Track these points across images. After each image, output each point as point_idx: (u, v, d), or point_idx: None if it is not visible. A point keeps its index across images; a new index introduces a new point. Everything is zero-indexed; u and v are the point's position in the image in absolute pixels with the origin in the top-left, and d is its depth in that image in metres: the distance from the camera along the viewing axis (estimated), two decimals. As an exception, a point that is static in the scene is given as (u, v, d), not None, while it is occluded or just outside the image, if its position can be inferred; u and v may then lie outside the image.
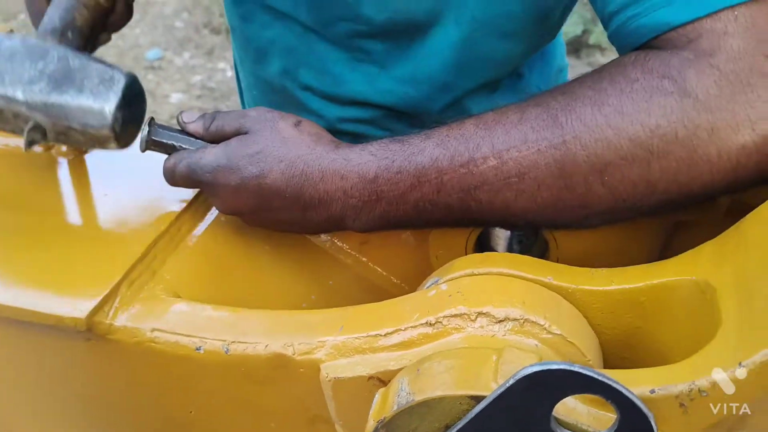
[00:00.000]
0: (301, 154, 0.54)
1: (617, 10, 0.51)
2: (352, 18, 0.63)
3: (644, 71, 0.47)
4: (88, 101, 0.55)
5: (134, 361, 0.52)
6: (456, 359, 0.42)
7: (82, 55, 0.57)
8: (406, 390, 0.41)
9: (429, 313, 0.46)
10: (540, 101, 0.50)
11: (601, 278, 0.49)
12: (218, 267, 0.59)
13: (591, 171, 0.48)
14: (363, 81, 0.69)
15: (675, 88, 0.46)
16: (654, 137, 0.46)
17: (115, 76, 0.56)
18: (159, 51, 2.85)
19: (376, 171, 0.52)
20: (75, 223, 0.59)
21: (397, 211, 0.53)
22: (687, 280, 0.46)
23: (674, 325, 0.47)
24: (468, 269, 0.49)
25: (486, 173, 0.50)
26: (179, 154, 0.58)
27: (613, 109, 0.47)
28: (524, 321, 0.44)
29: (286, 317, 0.50)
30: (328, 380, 0.46)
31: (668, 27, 0.48)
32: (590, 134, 0.47)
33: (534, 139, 0.48)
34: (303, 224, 0.57)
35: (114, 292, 0.52)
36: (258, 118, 0.57)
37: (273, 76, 0.75)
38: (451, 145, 0.51)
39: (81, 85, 0.55)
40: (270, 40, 0.72)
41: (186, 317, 0.51)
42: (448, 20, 0.62)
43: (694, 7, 0.47)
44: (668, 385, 0.38)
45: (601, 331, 0.49)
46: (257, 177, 0.54)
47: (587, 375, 0.36)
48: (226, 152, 0.56)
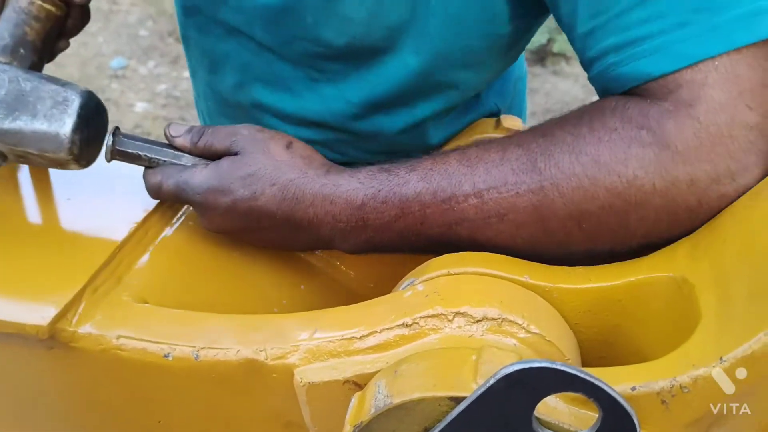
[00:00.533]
0: (293, 178, 0.54)
1: (598, 56, 0.50)
2: (311, 39, 0.62)
3: (623, 120, 0.47)
4: (43, 126, 0.53)
5: (100, 370, 0.50)
6: (435, 360, 0.41)
7: (33, 76, 0.54)
8: (384, 393, 0.40)
9: (405, 314, 0.45)
10: (522, 141, 0.50)
11: (578, 276, 0.48)
12: (187, 272, 0.57)
13: (568, 217, 0.48)
14: (318, 101, 0.67)
15: (653, 139, 0.46)
16: (631, 188, 0.46)
17: (69, 96, 0.54)
18: (123, 60, 2.80)
19: (362, 199, 0.53)
20: (37, 228, 0.57)
21: (382, 237, 0.54)
22: (664, 277, 0.46)
23: (653, 322, 0.46)
24: (444, 269, 0.49)
25: (467, 210, 0.50)
26: (165, 170, 0.57)
27: (590, 158, 0.47)
28: (502, 320, 0.43)
29: (258, 321, 0.49)
30: (302, 385, 0.45)
31: (648, 77, 0.47)
32: (568, 182, 0.47)
33: (513, 182, 0.49)
34: (291, 243, 0.57)
35: (78, 298, 0.50)
36: (249, 138, 0.56)
37: (227, 89, 0.73)
38: (435, 180, 0.51)
39: (34, 109, 0.53)
40: (224, 54, 0.69)
41: (153, 323, 0.49)
42: (407, 48, 0.61)
43: (673, 59, 0.46)
44: (649, 382, 0.38)
45: (579, 330, 0.48)
46: (249, 199, 0.54)
47: (569, 372, 0.35)
48: (218, 174, 0.55)
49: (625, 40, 0.48)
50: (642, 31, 0.47)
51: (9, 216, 0.58)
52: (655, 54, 0.47)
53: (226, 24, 0.66)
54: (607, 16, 0.48)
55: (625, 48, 0.48)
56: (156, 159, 0.58)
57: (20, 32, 0.57)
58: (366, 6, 0.58)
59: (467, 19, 0.57)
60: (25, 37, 0.57)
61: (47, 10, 0.58)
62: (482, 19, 0.58)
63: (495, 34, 0.59)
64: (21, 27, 0.57)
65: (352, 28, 0.59)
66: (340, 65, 0.64)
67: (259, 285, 0.60)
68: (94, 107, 0.56)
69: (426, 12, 0.58)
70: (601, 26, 0.49)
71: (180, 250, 0.58)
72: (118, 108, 2.53)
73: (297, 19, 0.60)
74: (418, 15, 0.58)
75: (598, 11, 0.49)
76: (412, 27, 0.59)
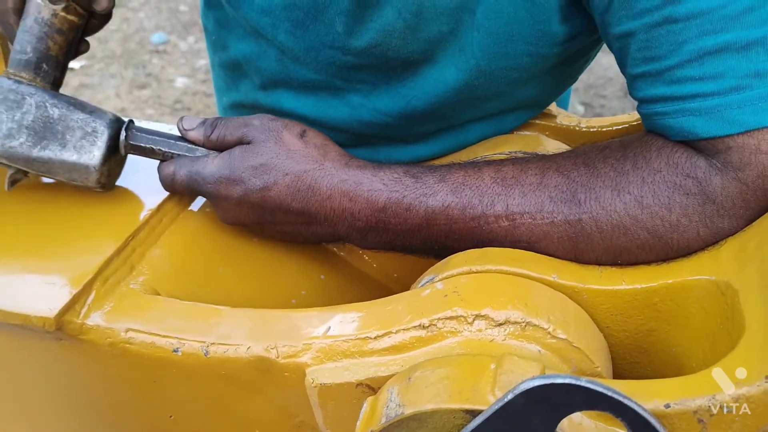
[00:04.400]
0: (308, 169, 0.52)
1: (646, 99, 0.48)
2: (339, 47, 0.58)
3: (669, 164, 0.45)
4: (72, 158, 0.53)
5: (109, 363, 0.48)
6: (450, 368, 0.38)
7: (61, 101, 0.54)
8: (396, 401, 0.38)
9: (423, 314, 0.42)
10: (562, 168, 0.49)
11: (611, 277, 0.45)
12: (202, 261, 0.55)
13: (604, 253, 0.47)
14: (346, 110, 0.63)
15: (698, 190, 0.44)
16: (674, 233, 0.45)
17: (98, 128, 0.54)
18: (164, 35, 2.80)
19: (385, 202, 0.51)
20: (49, 215, 0.55)
21: (403, 242, 0.52)
22: (705, 281, 0.42)
23: (691, 328, 0.43)
24: (466, 266, 0.46)
25: (496, 232, 0.49)
26: (179, 161, 0.56)
27: (633, 198, 0.45)
28: (526, 324, 0.40)
29: (271, 317, 0.47)
30: (313, 386, 0.43)
31: (695, 137, 0.45)
32: (608, 218, 0.46)
33: (549, 210, 0.47)
34: (306, 237, 0.55)
35: (87, 288, 0.48)
36: (261, 127, 0.54)
37: (243, 89, 0.69)
38: (465, 195, 0.49)
39: (63, 139, 0.53)
40: (245, 55, 0.65)
41: (163, 316, 0.47)
42: (446, 62, 0.56)
43: (726, 124, 0.44)
44: (685, 399, 0.35)
45: (610, 334, 0.45)
46: (261, 190, 0.52)
47: (595, 390, 0.32)
48: (230, 163, 0.53)
49: (676, 93, 0.45)
50: (696, 89, 0.44)
51: (20, 203, 0.56)
52: (706, 115, 0.44)
53: (248, 24, 0.62)
54: (661, 66, 0.46)
55: (676, 101, 0.45)
56: (170, 153, 0.56)
57: (43, 46, 0.55)
58: (404, 17, 0.54)
59: (514, 37, 0.53)
60: (48, 52, 0.55)
61: (71, 21, 0.56)
62: (531, 39, 0.54)
63: (543, 54, 0.55)
64: (44, 41, 0.55)
65: (386, 39, 0.56)
66: (368, 75, 0.60)
67: (277, 275, 0.58)
68: (120, 134, 0.55)
69: (471, 27, 0.54)
70: (654, 74, 0.46)
71: (195, 239, 0.56)
72: (159, 83, 2.53)
73: (326, 24, 0.57)
74: (460, 30, 0.54)
75: (653, 57, 0.46)
76: (453, 41, 0.55)
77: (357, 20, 0.55)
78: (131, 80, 2.45)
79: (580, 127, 0.65)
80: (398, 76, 0.59)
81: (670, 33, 0.45)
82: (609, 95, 2.36)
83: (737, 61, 0.43)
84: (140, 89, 2.42)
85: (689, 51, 0.44)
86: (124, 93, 2.39)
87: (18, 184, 0.56)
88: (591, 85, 2.39)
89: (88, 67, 2.52)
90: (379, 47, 0.56)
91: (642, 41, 0.46)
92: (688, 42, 0.44)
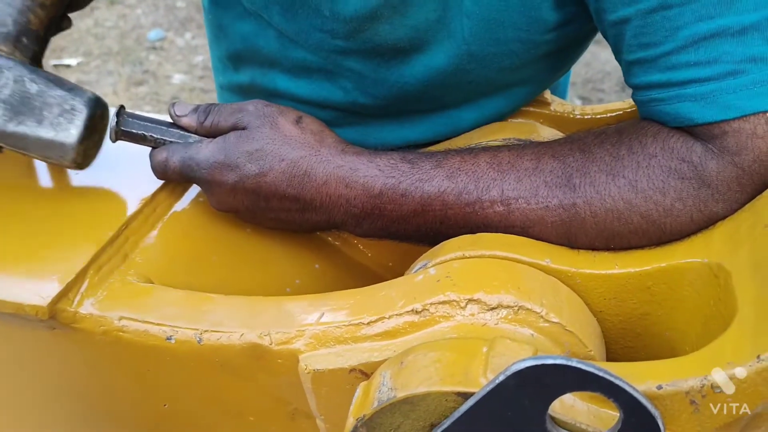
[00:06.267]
0: (303, 155, 0.52)
1: (642, 86, 0.48)
2: (328, 30, 0.57)
3: (664, 149, 0.45)
4: (49, 135, 0.52)
5: (103, 351, 0.48)
6: (443, 351, 0.38)
7: (39, 77, 0.52)
8: (388, 385, 0.38)
9: (415, 299, 0.42)
10: (558, 153, 0.49)
11: (604, 261, 0.45)
12: (196, 250, 0.55)
13: (597, 237, 0.47)
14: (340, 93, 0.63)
15: (693, 174, 0.44)
16: (668, 217, 0.45)
17: (77, 106, 0.52)
18: (161, 31, 2.80)
19: (381, 188, 0.51)
20: (42, 202, 0.55)
21: (398, 228, 0.52)
22: (698, 263, 0.42)
23: (684, 312, 0.43)
24: (459, 251, 0.46)
25: (490, 217, 0.49)
26: (171, 147, 0.55)
27: (627, 182, 0.45)
28: (518, 308, 0.40)
29: (264, 304, 0.47)
30: (307, 372, 0.43)
31: (691, 123, 0.45)
32: (602, 203, 0.46)
33: (544, 195, 0.47)
34: (301, 224, 0.55)
35: (80, 277, 0.48)
36: (256, 112, 0.54)
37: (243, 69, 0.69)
38: (461, 181, 0.49)
39: (40, 115, 0.52)
40: (240, 34, 0.65)
41: (157, 304, 0.47)
42: (437, 50, 0.56)
43: (721, 109, 0.44)
44: (677, 380, 0.35)
45: (603, 318, 0.45)
46: (257, 175, 0.52)
47: (586, 371, 0.32)
48: (224, 148, 0.53)
49: (672, 79, 0.45)
50: (691, 74, 0.44)
51: (13, 189, 0.56)
52: (702, 100, 0.44)
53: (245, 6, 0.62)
54: (656, 52, 0.46)
55: (672, 87, 0.45)
56: (162, 139, 0.55)
57: (24, 20, 0.54)
58: (391, 3, 0.53)
59: (505, 23, 0.53)
60: (28, 26, 0.54)
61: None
62: (521, 24, 0.53)
63: (534, 41, 0.55)
64: (25, 14, 0.54)
65: (373, 25, 0.55)
66: (358, 60, 0.59)
67: (271, 264, 0.58)
68: (100, 114, 0.54)
69: (459, 14, 0.54)
70: (650, 60, 0.46)
71: (189, 227, 0.56)
72: (156, 80, 2.53)
73: (313, 8, 0.56)
74: (448, 17, 0.54)
75: (648, 44, 0.46)
76: (442, 29, 0.55)
77: (342, 5, 0.55)
78: (128, 77, 2.44)
79: (575, 114, 0.65)
80: (387, 63, 0.58)
81: (665, 19, 0.44)
82: (607, 89, 2.36)
83: (733, 46, 0.43)
84: (137, 86, 2.42)
85: (684, 37, 0.44)
86: (121, 90, 2.38)
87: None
88: (589, 80, 2.39)
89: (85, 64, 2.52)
90: (366, 33, 0.56)
91: (637, 27, 0.46)
92: (683, 27, 0.44)
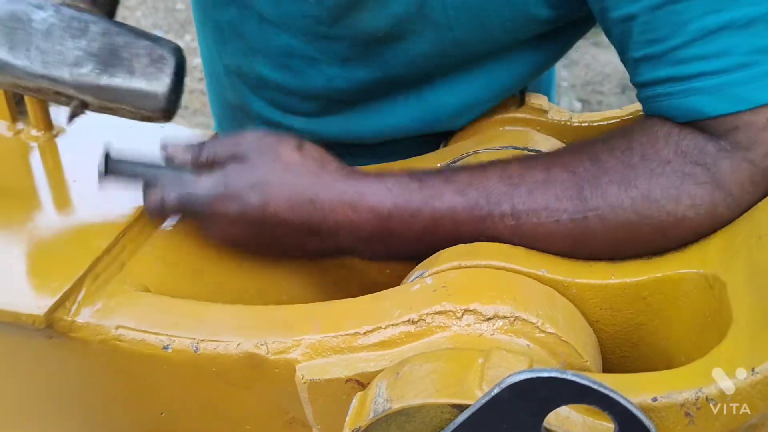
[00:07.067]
0: (307, 182, 0.50)
1: (650, 83, 0.47)
2: (313, 16, 0.57)
3: (677, 153, 0.45)
4: (141, 85, 0.52)
5: (101, 360, 0.48)
6: (438, 362, 0.38)
7: (123, 29, 0.52)
8: (384, 396, 0.38)
9: (412, 309, 0.42)
10: (567, 164, 0.48)
11: (600, 271, 0.45)
12: (193, 258, 0.55)
13: (605, 245, 0.46)
14: (322, 79, 0.63)
15: (708, 178, 0.44)
16: (679, 227, 0.44)
17: (165, 54, 0.52)
18: (160, 33, 2.81)
19: (390, 209, 0.49)
20: (39, 210, 0.55)
21: (409, 249, 0.51)
22: (693, 274, 0.42)
23: (680, 322, 0.43)
24: (455, 261, 0.46)
25: (501, 230, 0.48)
26: (165, 186, 0.53)
27: (640, 192, 0.45)
28: (515, 319, 0.40)
29: (261, 313, 0.47)
30: (303, 382, 0.43)
31: (703, 116, 0.44)
32: (614, 215, 0.45)
33: (555, 208, 0.47)
34: (307, 252, 0.54)
35: (77, 286, 0.48)
36: (255, 142, 0.53)
37: (229, 58, 0.69)
38: (472, 197, 0.48)
39: (131, 66, 0.52)
40: (225, 23, 0.65)
41: (153, 313, 0.47)
42: (420, 39, 0.56)
43: (733, 101, 0.43)
44: (672, 392, 0.35)
45: (599, 328, 0.45)
46: (260, 207, 0.50)
47: (581, 383, 0.32)
48: (224, 179, 0.51)
49: (682, 74, 0.45)
50: (701, 68, 0.44)
51: (11, 197, 0.56)
52: (713, 93, 0.44)
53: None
54: (664, 47, 0.45)
55: (682, 81, 0.45)
56: (154, 180, 0.54)
57: None
58: None
59: (489, 12, 0.53)
60: None
61: None
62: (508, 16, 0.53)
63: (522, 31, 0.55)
64: None
65: (355, 12, 0.55)
66: (343, 47, 0.59)
67: (269, 271, 0.58)
68: (183, 63, 0.54)
69: (441, 5, 0.54)
70: (658, 55, 0.46)
71: (186, 236, 0.56)
72: (155, 82, 2.53)
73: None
74: (428, 7, 0.54)
75: (656, 39, 0.45)
76: (423, 20, 0.55)
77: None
78: (128, 79, 2.44)
79: (572, 122, 0.65)
80: (370, 51, 0.59)
81: (673, 13, 0.44)
82: (606, 92, 2.36)
83: (742, 38, 0.43)
84: (137, 88, 2.42)
85: (693, 30, 0.44)
86: (120, 92, 2.38)
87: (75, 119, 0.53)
88: (588, 82, 2.39)
89: (85, 66, 2.52)
90: (348, 20, 0.56)
91: (643, 24, 0.46)
92: (691, 21, 0.44)
